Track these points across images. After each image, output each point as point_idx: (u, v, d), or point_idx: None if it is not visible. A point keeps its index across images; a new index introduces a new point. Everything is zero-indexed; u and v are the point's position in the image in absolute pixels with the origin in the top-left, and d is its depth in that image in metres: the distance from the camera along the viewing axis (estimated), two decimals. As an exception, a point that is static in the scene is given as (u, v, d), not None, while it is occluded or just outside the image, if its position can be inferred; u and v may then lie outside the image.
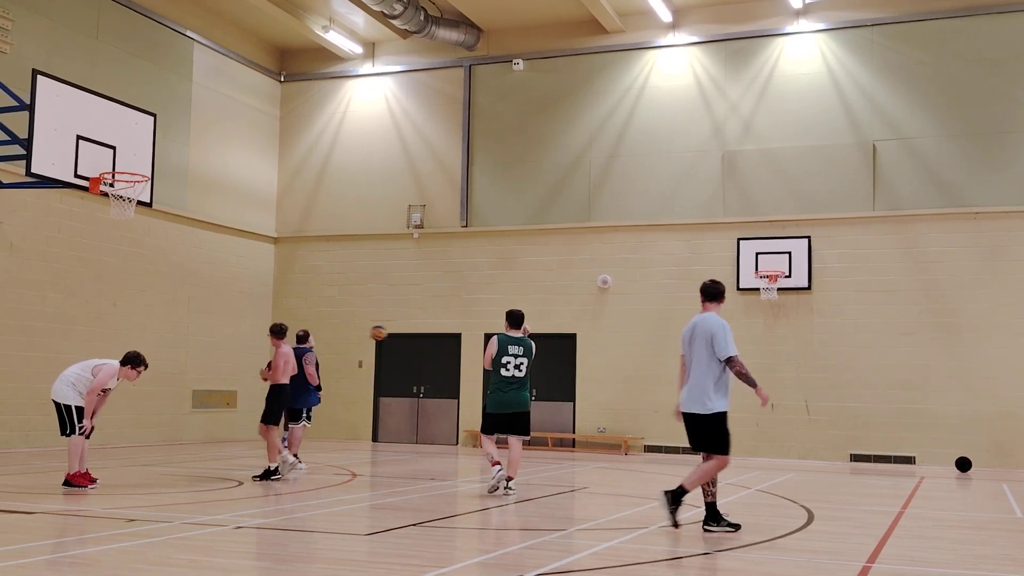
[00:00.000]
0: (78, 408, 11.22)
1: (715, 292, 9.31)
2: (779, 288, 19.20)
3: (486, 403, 12.03)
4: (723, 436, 8.79)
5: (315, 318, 22.24)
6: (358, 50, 22.72)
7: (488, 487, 11.49)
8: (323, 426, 20.90)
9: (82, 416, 11.21)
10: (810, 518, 10.11)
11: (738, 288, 19.58)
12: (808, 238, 19.26)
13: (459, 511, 10.65)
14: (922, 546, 8.43)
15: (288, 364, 13.02)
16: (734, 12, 20.43)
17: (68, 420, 11.21)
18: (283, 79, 23.61)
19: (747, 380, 8.83)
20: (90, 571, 6.68)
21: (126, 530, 8.33)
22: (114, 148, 13.18)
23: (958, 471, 17.17)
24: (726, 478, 14.49)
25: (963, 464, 17.29)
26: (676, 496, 8.69)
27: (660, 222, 20.38)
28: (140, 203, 13.59)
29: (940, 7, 19.03)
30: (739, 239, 19.69)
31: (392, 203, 22.51)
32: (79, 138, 12.73)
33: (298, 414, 14.21)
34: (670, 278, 20.19)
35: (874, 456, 18.53)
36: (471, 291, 21.67)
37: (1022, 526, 10.20)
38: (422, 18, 20.70)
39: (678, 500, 8.70)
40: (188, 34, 20.77)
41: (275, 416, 12.90)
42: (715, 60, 20.48)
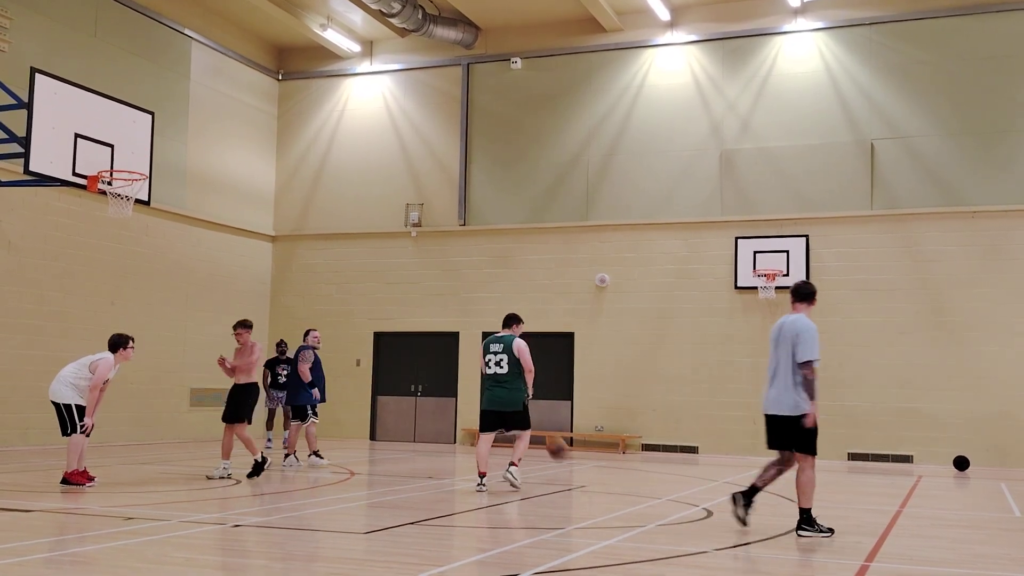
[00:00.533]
0: (78, 407, 11.24)
1: (806, 293, 9.12)
2: (777, 287, 19.20)
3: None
4: (813, 437, 8.69)
5: (313, 316, 22.22)
6: (356, 48, 22.71)
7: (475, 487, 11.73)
8: (321, 424, 20.84)
9: (83, 414, 11.22)
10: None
11: (736, 287, 19.60)
12: (806, 237, 19.27)
13: (457, 510, 10.65)
14: (920, 545, 8.43)
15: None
16: (732, 11, 20.43)
17: (69, 419, 11.23)
18: (281, 77, 23.59)
19: (810, 390, 8.56)
20: (88, 569, 6.67)
21: (124, 528, 8.32)
22: (112, 146, 13.15)
23: (956, 470, 17.19)
24: (724, 476, 14.51)
25: (961, 463, 17.31)
26: (808, 519, 8.61)
27: (658, 221, 20.39)
28: (138, 201, 13.57)
29: (938, 6, 19.03)
30: (737, 238, 19.69)
31: (390, 202, 22.50)
32: (77, 136, 12.70)
33: (303, 412, 14.53)
34: (668, 277, 20.20)
35: (872, 455, 18.54)
36: (469, 290, 21.67)
37: (1020, 525, 10.21)
38: (420, 16, 20.69)
39: (811, 521, 8.61)
40: (186, 32, 20.76)
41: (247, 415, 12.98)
42: (713, 59, 20.49)
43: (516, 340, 11.96)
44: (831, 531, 8.62)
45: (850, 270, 19.07)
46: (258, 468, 12.63)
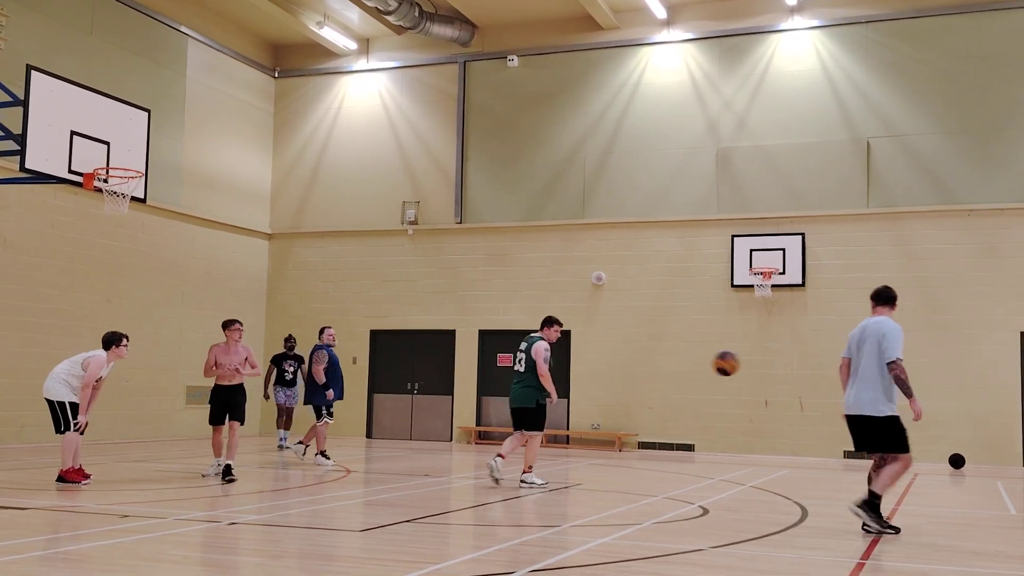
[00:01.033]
0: (72, 404, 11.23)
1: (888, 296, 9.34)
2: (773, 285, 19.22)
3: None
4: (902, 436, 8.80)
5: (309, 314, 22.23)
6: (352, 46, 22.70)
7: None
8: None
9: (76, 412, 11.22)
10: (804, 515, 10.13)
11: (732, 285, 19.62)
12: (802, 235, 19.28)
13: (453, 507, 10.66)
14: (916, 543, 8.44)
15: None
16: (728, 9, 20.43)
17: (62, 417, 11.22)
18: (277, 75, 23.57)
19: (904, 387, 8.76)
20: (83, 567, 6.67)
21: (119, 526, 8.32)
22: (108, 144, 13.15)
23: (952, 468, 17.21)
24: (720, 474, 14.52)
25: (956, 461, 17.33)
26: (872, 504, 8.66)
27: (654, 219, 20.39)
28: (134, 199, 13.56)
29: (934, 4, 19.05)
30: (733, 236, 19.70)
31: (386, 199, 22.49)
32: (73, 134, 12.69)
33: (318, 411, 14.59)
34: (664, 275, 20.21)
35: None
36: (465, 288, 21.67)
37: (1016, 523, 10.23)
38: (416, 14, 20.68)
39: (875, 507, 8.67)
40: (182, 30, 20.73)
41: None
42: (709, 57, 20.49)
43: (538, 342, 12.20)
44: (895, 529, 8.67)
45: (846, 268, 19.09)
46: (228, 471, 12.12)
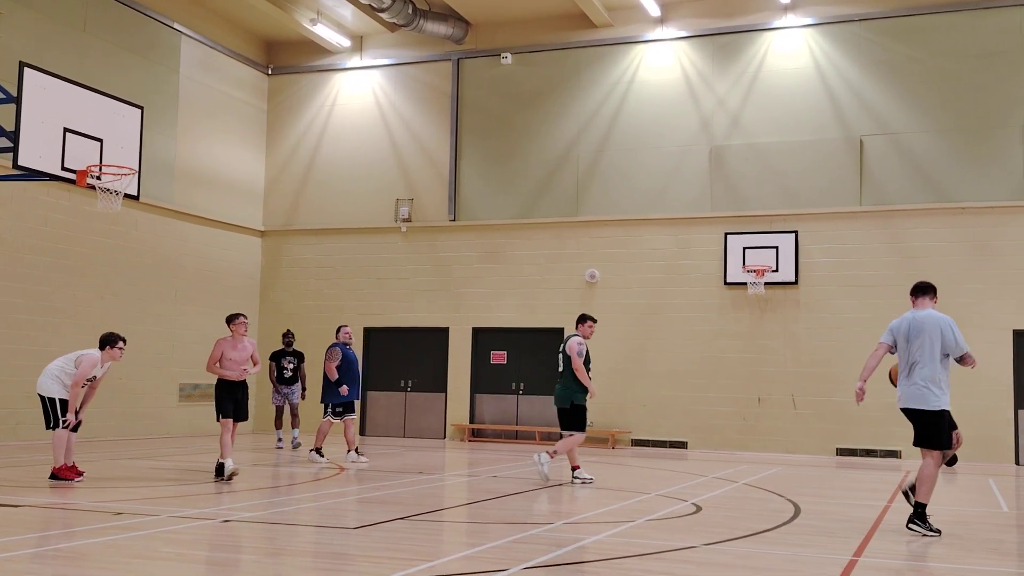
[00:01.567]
0: (62, 401, 11.22)
1: (933, 288, 9.56)
2: (766, 283, 19.25)
3: None
4: (942, 432, 8.86)
5: (302, 312, 22.22)
6: (346, 43, 22.67)
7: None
8: (310, 420, 20.85)
9: (66, 409, 11.20)
10: (796, 512, 10.16)
11: (725, 283, 19.65)
12: (795, 233, 19.32)
13: (447, 505, 10.67)
14: (908, 540, 8.47)
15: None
16: (722, 7, 20.45)
17: (52, 413, 11.21)
18: (271, 72, 23.54)
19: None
20: (76, 564, 6.67)
21: (113, 523, 8.31)
22: (101, 141, 13.13)
23: (944, 466, 17.22)
24: (713, 472, 14.54)
25: (949, 459, 17.34)
26: (921, 514, 8.69)
27: (648, 217, 20.41)
28: (127, 196, 13.54)
29: (927, 2, 19.09)
30: (726, 234, 19.73)
31: (380, 197, 22.48)
32: (66, 131, 12.66)
33: (325, 409, 14.66)
34: (658, 273, 20.23)
35: (860, 450, 18.61)
36: (459, 285, 21.67)
37: (1008, 520, 10.27)
38: (410, 11, 20.66)
39: (923, 515, 8.71)
40: (176, 27, 20.69)
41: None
42: (703, 55, 20.51)
43: (572, 339, 12.57)
44: (938, 532, 8.63)
45: (839, 266, 19.13)
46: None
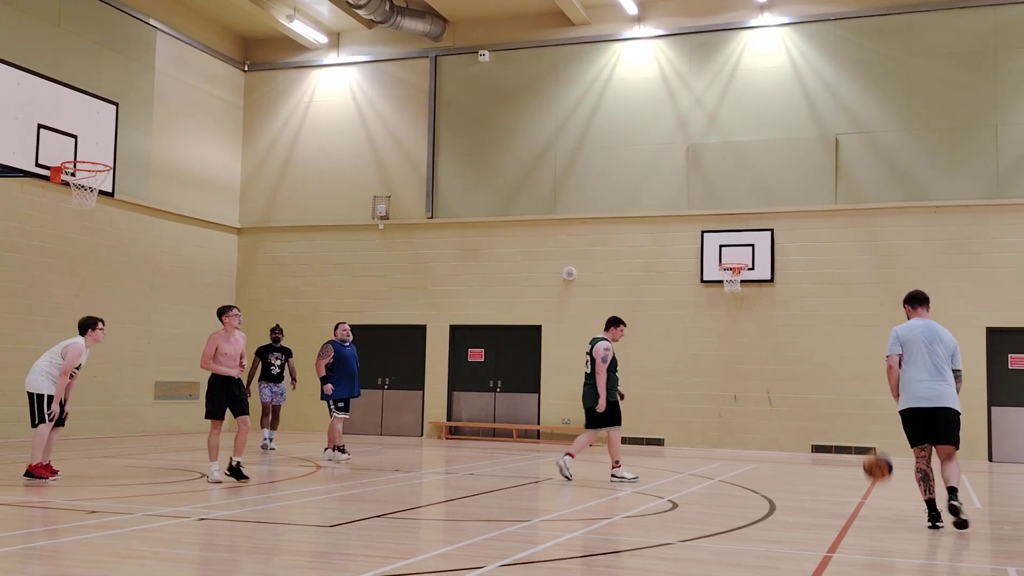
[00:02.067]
0: (51, 397, 11.21)
1: (927, 298, 9.90)
2: (742, 280, 19.34)
3: None
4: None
5: (279, 309, 22.13)
6: (323, 40, 22.60)
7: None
8: (287, 418, 20.80)
9: (51, 404, 11.13)
10: (772, 508, 10.21)
11: (702, 280, 19.72)
12: (771, 231, 19.41)
13: (424, 502, 10.67)
14: (882, 536, 8.54)
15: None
16: (699, 5, 20.51)
17: (38, 410, 11.20)
18: (247, 68, 23.43)
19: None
20: (51, 563, 6.62)
21: (87, 522, 8.26)
22: (76, 137, 13.04)
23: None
24: (690, 469, 14.60)
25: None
26: (954, 505, 8.87)
27: (625, 214, 20.46)
28: (102, 193, 13.46)
29: (903, 2, 19.21)
30: (703, 232, 19.80)
31: (357, 194, 22.43)
32: (40, 127, 12.57)
33: (328, 407, 14.54)
34: (635, 270, 20.28)
35: (835, 447, 18.73)
36: (436, 283, 21.66)
37: (981, 516, 10.36)
38: (387, 8, 20.61)
39: (957, 507, 8.89)
40: (151, 22, 20.55)
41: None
42: (680, 53, 20.57)
43: (599, 342, 12.73)
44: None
45: (814, 264, 19.24)
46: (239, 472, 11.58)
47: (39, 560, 6.75)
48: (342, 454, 14.32)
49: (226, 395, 11.51)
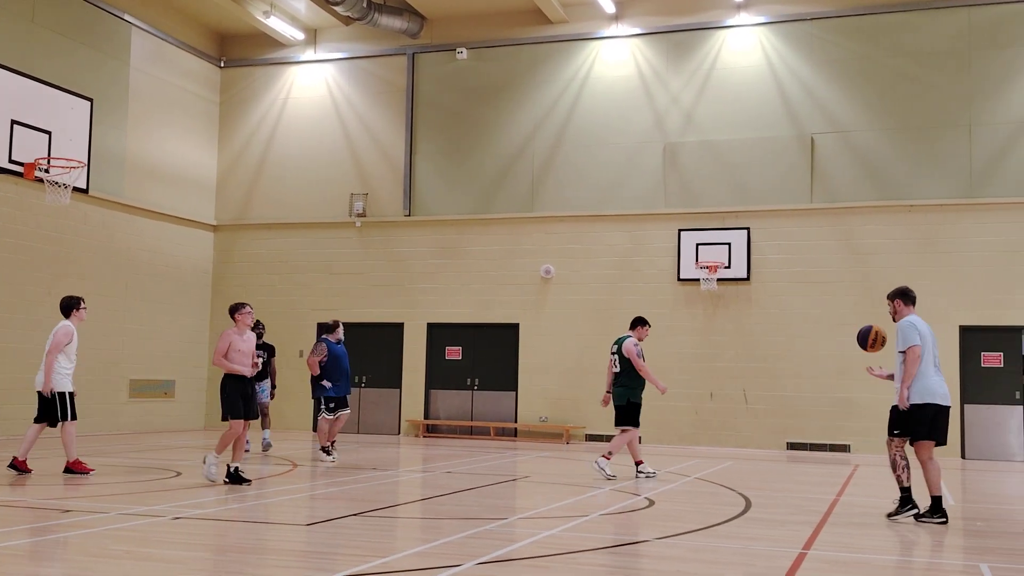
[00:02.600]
0: (70, 395, 11.48)
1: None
2: (719, 279, 19.42)
3: None
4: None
5: (256, 307, 21.74)
6: (299, 36, 22.50)
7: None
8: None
9: (72, 402, 11.46)
10: (747, 505, 10.26)
11: (678, 279, 19.79)
12: (747, 229, 19.50)
13: (400, 501, 10.66)
14: (856, 533, 8.60)
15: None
16: (676, 4, 20.58)
17: (60, 408, 11.40)
18: (223, 65, 23.31)
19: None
20: (25, 562, 6.57)
21: (62, 521, 8.21)
22: (49, 133, 12.97)
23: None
24: (666, 466, 14.66)
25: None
26: (937, 507, 9.00)
27: (602, 213, 20.50)
28: (76, 189, 13.39)
29: (878, 2, 19.35)
30: (680, 230, 19.87)
31: (334, 191, 22.36)
32: (14, 123, 12.50)
33: (316, 405, 14.54)
34: (612, 269, 20.33)
35: (810, 444, 18.84)
36: (413, 280, 21.62)
37: (954, 513, 10.44)
38: (364, 5, 20.55)
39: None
40: (126, 18, 20.41)
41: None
42: (657, 52, 20.63)
43: (627, 341, 12.87)
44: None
45: (790, 263, 19.34)
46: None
47: (12, 560, 6.69)
48: (326, 455, 14.08)
49: (242, 393, 11.20)
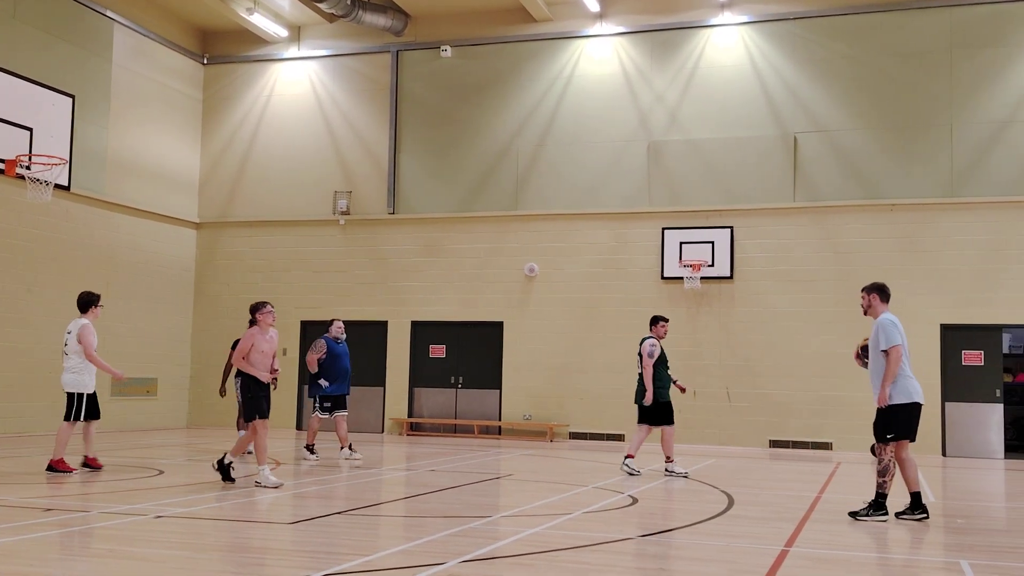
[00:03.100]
0: (92, 397, 11.78)
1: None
2: (702, 277, 19.47)
3: None
4: None
5: (239, 305, 21.92)
6: (283, 33, 22.43)
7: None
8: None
9: (87, 401, 11.70)
10: (730, 503, 10.30)
11: (662, 277, 19.83)
12: (731, 228, 19.56)
13: (384, 499, 10.65)
14: (838, 530, 8.64)
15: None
16: (660, 3, 20.61)
17: (77, 407, 11.69)
18: (206, 61, 23.21)
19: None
20: (6, 561, 6.53)
21: (43, 520, 8.16)
22: (31, 130, 12.90)
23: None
24: (650, 464, 14.69)
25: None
26: (917, 503, 9.10)
27: (586, 211, 20.52)
28: (57, 186, 13.33)
29: (860, 2, 19.43)
30: (664, 228, 19.91)
31: (318, 189, 22.31)
32: (-6, 119, 12.41)
33: (313, 403, 14.41)
34: (596, 267, 20.35)
35: (792, 442, 18.92)
36: (397, 279, 21.60)
37: (934, 510, 10.51)
38: (348, 2, 20.50)
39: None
40: (108, 14, 20.29)
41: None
42: (641, 51, 20.66)
43: (645, 340, 13.24)
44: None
45: (773, 261, 19.41)
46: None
47: (-7, 559, 6.66)
48: (311, 454, 14.02)
49: (265, 394, 10.97)
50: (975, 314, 18.32)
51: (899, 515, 9.16)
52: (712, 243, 19.58)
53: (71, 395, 11.70)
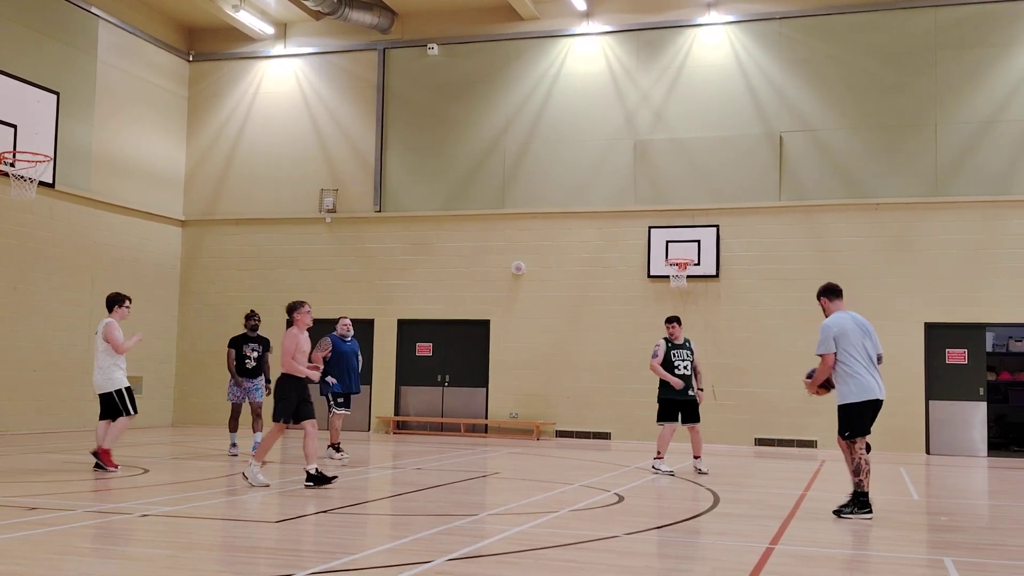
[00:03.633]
0: (128, 390, 11.93)
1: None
2: (688, 276, 19.52)
3: None
4: None
5: (224, 303, 21.91)
6: (269, 31, 22.37)
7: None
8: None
9: (131, 397, 11.90)
10: (716, 501, 10.33)
11: (649, 276, 19.86)
12: (717, 227, 19.61)
13: (371, 498, 10.64)
14: (823, 528, 8.68)
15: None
16: (647, 2, 20.63)
17: (120, 404, 11.88)
18: (192, 59, 23.13)
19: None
20: (-11, 561, 6.51)
21: (27, 518, 8.13)
22: (15, 127, 12.84)
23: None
24: (636, 462, 14.72)
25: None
26: (863, 502, 9.15)
27: (573, 210, 20.54)
28: (42, 184, 13.27)
29: (845, 2, 19.50)
30: (650, 227, 19.94)
31: (304, 187, 22.26)
32: (-22, 116, 12.34)
33: (327, 403, 14.38)
34: (583, 265, 20.38)
35: (778, 440, 18.99)
36: (384, 277, 21.57)
37: (918, 507, 10.57)
38: None
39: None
40: (93, 11, 20.19)
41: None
42: (628, 49, 20.68)
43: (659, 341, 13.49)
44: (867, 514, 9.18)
45: (759, 260, 19.47)
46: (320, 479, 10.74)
47: (-23, 558, 6.63)
48: (336, 452, 13.97)
49: (299, 396, 10.77)
50: (959, 313, 18.42)
51: (840, 514, 9.15)
52: (698, 242, 19.62)
53: (106, 395, 11.81)
